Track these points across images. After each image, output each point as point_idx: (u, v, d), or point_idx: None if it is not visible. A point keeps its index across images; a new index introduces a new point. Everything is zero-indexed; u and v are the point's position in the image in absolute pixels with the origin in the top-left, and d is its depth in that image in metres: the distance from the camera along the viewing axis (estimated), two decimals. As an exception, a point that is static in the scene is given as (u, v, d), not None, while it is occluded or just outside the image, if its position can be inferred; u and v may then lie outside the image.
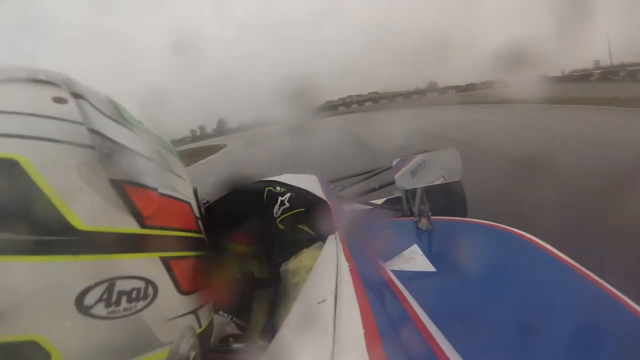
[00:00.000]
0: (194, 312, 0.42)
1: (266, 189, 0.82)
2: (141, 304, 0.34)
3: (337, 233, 0.65)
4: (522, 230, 0.83)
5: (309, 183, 1.01)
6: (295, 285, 0.64)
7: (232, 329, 0.68)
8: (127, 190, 0.35)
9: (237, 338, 0.54)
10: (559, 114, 7.71)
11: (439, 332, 0.38)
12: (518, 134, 5.95)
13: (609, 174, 2.79)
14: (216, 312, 0.65)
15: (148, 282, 0.35)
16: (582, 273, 0.66)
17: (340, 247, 0.57)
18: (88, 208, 0.32)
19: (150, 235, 0.36)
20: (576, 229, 1.87)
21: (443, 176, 1.03)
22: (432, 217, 0.99)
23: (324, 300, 0.40)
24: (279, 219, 0.77)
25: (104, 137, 0.35)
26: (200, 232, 0.45)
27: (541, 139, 5.17)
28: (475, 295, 0.61)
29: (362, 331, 0.33)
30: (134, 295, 0.34)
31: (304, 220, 0.80)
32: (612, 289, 0.59)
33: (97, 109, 0.37)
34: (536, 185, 2.66)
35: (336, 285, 0.43)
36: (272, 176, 1.07)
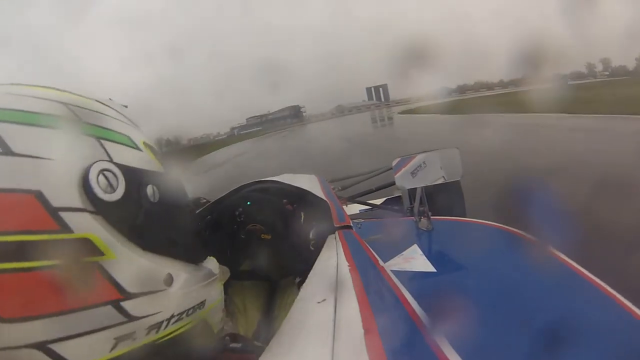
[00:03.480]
0: (40, 345, 0.29)
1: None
2: None
3: (337, 233, 0.65)
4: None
5: (309, 183, 1.01)
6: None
7: (229, 328, 0.67)
8: None
9: (234, 337, 0.54)
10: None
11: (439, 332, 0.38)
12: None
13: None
14: None
15: None
16: (580, 273, 0.66)
17: (340, 247, 0.57)
18: None
19: None
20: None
21: (443, 176, 1.03)
22: (432, 217, 0.99)
23: (324, 300, 0.40)
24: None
25: None
26: (59, 232, 0.30)
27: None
28: (474, 295, 0.61)
29: (362, 331, 0.33)
30: None
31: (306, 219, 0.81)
32: (610, 289, 0.59)
33: None
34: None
35: (336, 285, 0.43)
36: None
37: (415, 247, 0.86)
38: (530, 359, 0.47)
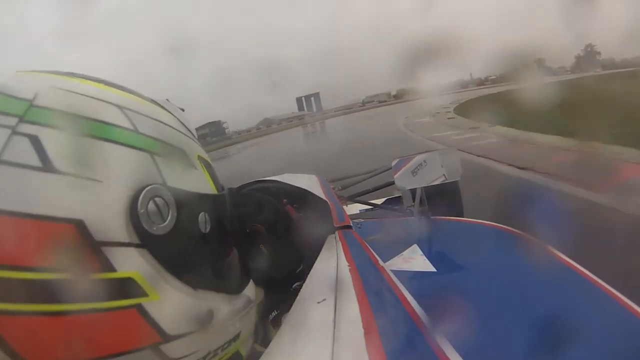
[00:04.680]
0: None
1: None
2: None
3: (337, 233, 0.65)
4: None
5: (309, 183, 1.01)
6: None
7: None
8: None
9: None
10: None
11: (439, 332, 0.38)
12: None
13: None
14: None
15: None
16: (580, 272, 0.66)
17: (340, 247, 0.57)
18: None
19: None
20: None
21: (443, 175, 1.03)
22: (432, 217, 0.99)
23: (324, 300, 0.40)
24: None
25: None
26: (102, 270, 0.26)
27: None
28: (474, 295, 0.61)
29: (362, 331, 0.33)
30: None
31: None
32: (610, 288, 0.60)
33: None
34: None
35: (336, 285, 0.43)
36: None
37: (415, 247, 0.86)
38: (531, 358, 0.47)
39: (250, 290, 0.43)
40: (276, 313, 0.62)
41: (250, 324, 0.43)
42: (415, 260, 0.80)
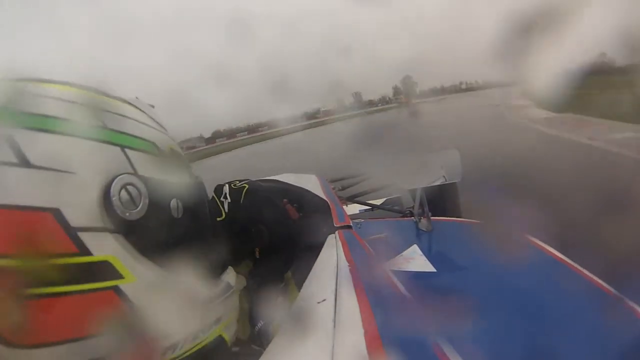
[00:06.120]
0: None
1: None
2: None
3: (337, 233, 0.65)
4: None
5: (309, 183, 1.01)
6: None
7: None
8: None
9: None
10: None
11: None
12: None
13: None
14: None
15: None
16: (579, 272, 0.66)
17: (340, 247, 0.57)
18: None
19: None
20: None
21: (443, 176, 1.03)
22: (432, 217, 0.99)
23: (324, 300, 0.40)
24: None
25: None
26: (78, 255, 0.28)
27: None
28: (474, 295, 0.61)
29: (362, 331, 0.33)
30: None
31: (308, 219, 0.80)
32: (609, 287, 0.60)
33: None
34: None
35: (336, 285, 0.43)
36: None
37: (415, 247, 0.86)
38: (531, 357, 0.47)
39: (230, 276, 0.44)
40: (262, 324, 0.62)
41: (233, 310, 0.44)
42: (415, 260, 0.80)
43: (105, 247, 0.29)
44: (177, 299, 0.34)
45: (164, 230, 0.34)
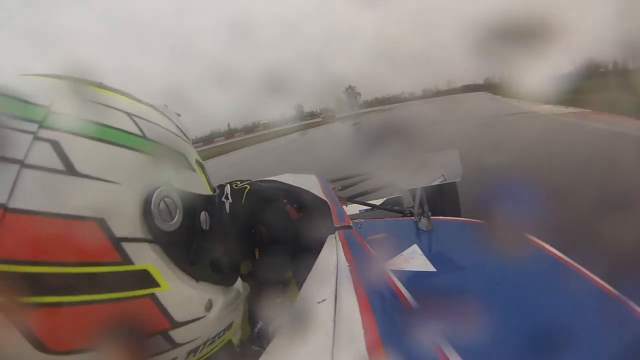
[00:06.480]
0: None
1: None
2: None
3: (337, 233, 0.65)
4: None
5: (309, 183, 1.01)
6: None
7: None
8: None
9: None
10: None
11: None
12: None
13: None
14: None
15: None
16: (579, 272, 0.66)
17: (340, 247, 0.57)
18: None
19: None
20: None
21: (443, 176, 1.03)
22: (432, 217, 1.00)
23: (324, 300, 0.40)
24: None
25: None
26: (121, 264, 0.29)
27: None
28: (474, 295, 0.61)
29: (362, 331, 0.33)
30: None
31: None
32: (608, 286, 0.60)
33: None
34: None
35: (336, 285, 0.43)
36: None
37: (415, 247, 0.86)
38: (531, 357, 0.47)
39: (239, 284, 0.46)
40: (261, 325, 0.62)
41: (240, 315, 0.45)
42: (415, 260, 0.80)
43: (145, 256, 0.30)
44: (204, 305, 0.36)
45: (195, 242, 0.35)
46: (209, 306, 0.36)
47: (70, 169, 0.27)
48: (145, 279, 0.30)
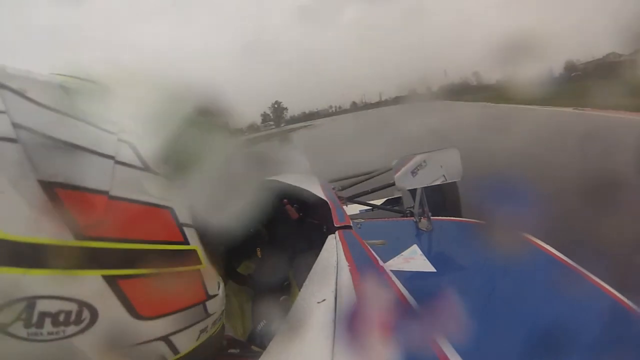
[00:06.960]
0: (164, 338, 0.35)
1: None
2: (72, 329, 0.29)
3: (337, 233, 0.65)
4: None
5: (309, 183, 1.01)
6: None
7: (226, 331, 0.67)
8: (59, 194, 0.29)
9: (232, 342, 0.54)
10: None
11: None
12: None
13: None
14: None
15: (82, 304, 0.29)
16: (579, 272, 0.66)
17: (340, 247, 0.57)
18: (7, 214, 0.27)
19: (87, 248, 0.29)
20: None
21: (443, 176, 1.03)
22: (432, 217, 1.00)
23: (324, 300, 0.40)
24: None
25: (32, 131, 0.29)
26: (183, 243, 0.36)
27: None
28: (475, 295, 0.61)
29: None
30: (61, 318, 0.28)
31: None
32: (607, 286, 0.60)
33: (28, 98, 0.31)
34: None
35: (336, 285, 0.43)
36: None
37: (415, 247, 0.86)
38: (531, 356, 0.47)
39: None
40: (264, 323, 0.63)
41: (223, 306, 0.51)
42: (415, 260, 0.80)
43: (193, 239, 0.37)
44: (217, 284, 0.42)
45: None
46: (219, 286, 0.42)
47: (146, 167, 0.33)
48: (195, 257, 0.37)
